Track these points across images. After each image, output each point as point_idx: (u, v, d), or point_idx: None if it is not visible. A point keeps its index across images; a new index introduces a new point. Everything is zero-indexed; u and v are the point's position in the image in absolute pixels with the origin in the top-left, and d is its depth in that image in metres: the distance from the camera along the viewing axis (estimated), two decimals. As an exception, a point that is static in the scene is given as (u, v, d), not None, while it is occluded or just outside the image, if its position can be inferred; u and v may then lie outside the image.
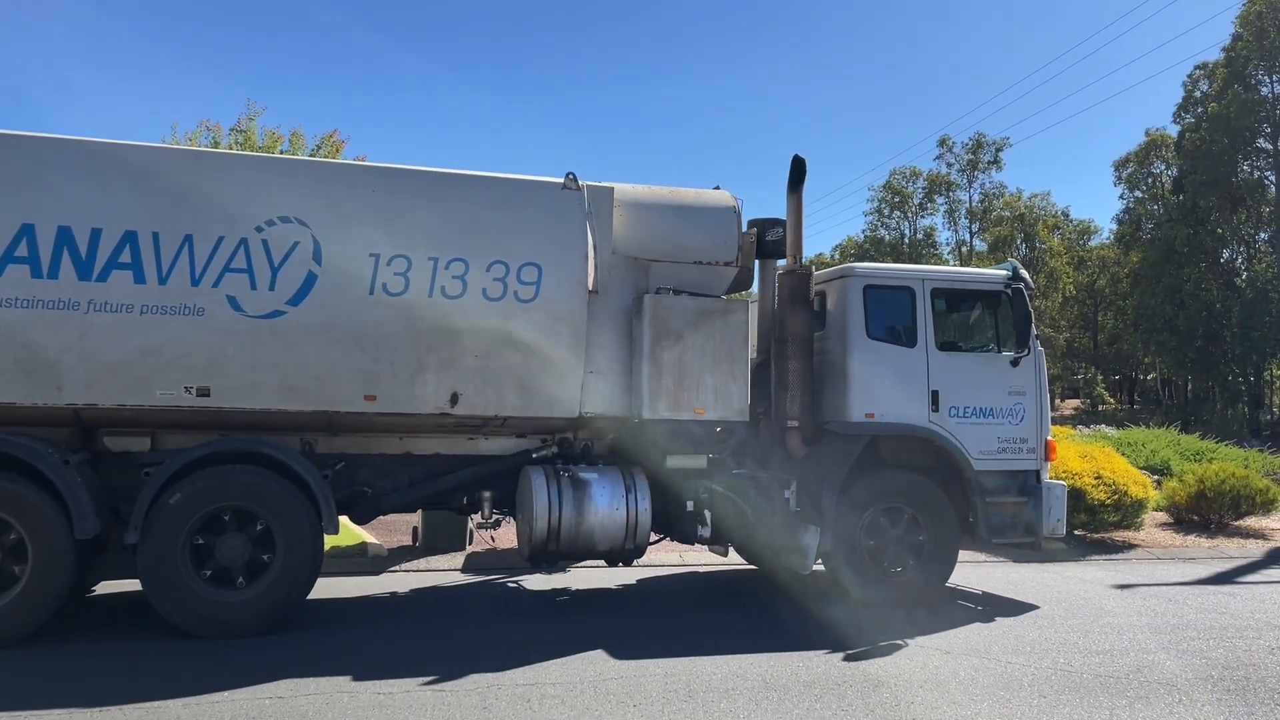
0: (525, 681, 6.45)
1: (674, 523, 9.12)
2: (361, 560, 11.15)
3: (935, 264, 56.70)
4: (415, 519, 11.91)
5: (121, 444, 7.94)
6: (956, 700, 6.18)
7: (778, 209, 9.63)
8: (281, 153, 18.20)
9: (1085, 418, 45.58)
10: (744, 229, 9.30)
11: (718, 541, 9.32)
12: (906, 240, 66.84)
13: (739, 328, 8.88)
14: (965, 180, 64.99)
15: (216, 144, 18.38)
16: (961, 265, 56.28)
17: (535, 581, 10.26)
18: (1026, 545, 9.73)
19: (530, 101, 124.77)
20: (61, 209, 7.33)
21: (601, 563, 9.01)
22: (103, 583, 9.07)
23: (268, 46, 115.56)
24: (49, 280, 7.26)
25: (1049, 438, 9.70)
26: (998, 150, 62.94)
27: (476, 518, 9.21)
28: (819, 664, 7.02)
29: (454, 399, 8.12)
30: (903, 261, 57.88)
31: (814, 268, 9.94)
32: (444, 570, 10.89)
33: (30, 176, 7.34)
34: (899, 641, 7.68)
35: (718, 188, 9.47)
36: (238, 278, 7.62)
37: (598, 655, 7.18)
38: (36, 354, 7.24)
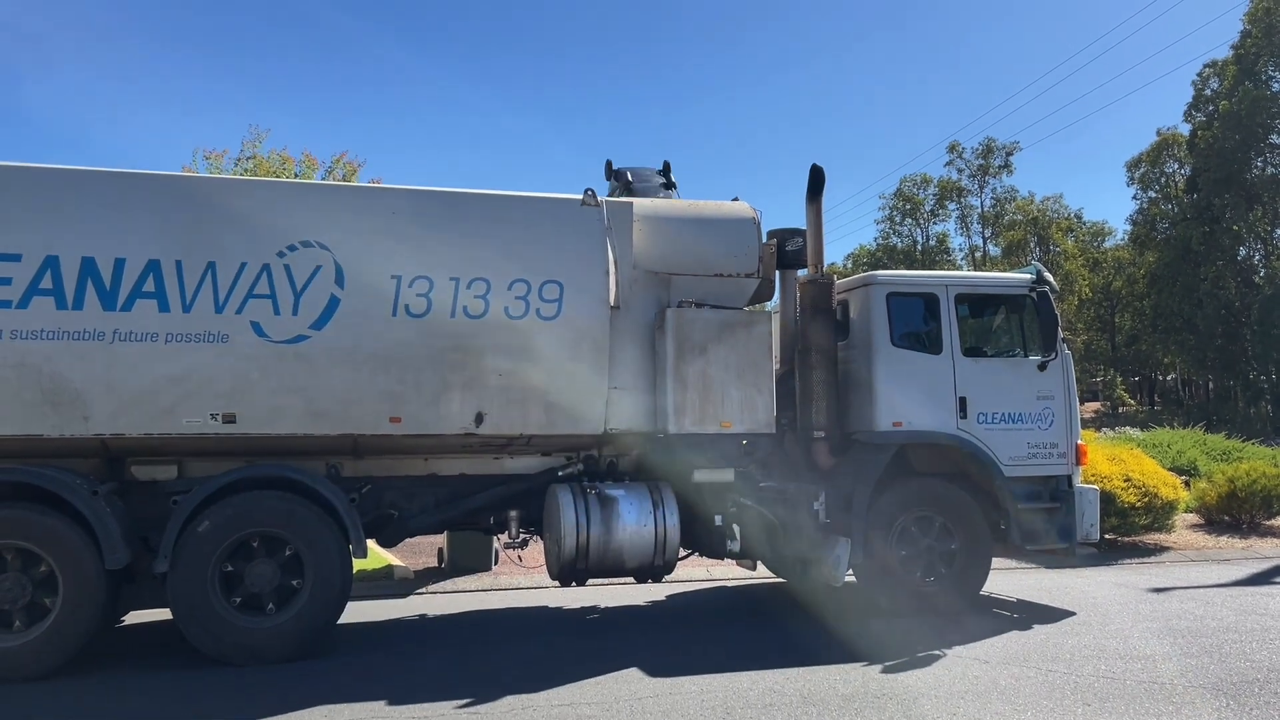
0: (561, 702, 6.38)
1: (702, 538, 9.04)
2: (389, 583, 11.12)
3: (949, 270, 56.57)
4: (441, 540, 11.88)
5: (149, 473, 7.94)
6: (1000, 712, 6.08)
7: (795, 219, 9.60)
8: (295, 176, 18.27)
9: (1107, 420, 45.23)
10: (764, 240, 9.27)
11: (747, 556, 9.23)
12: (919, 247, 66.66)
13: (762, 339, 8.82)
14: (976, 185, 64.91)
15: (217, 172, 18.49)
16: (976, 270, 56.11)
17: (565, 600, 10.20)
18: (1060, 551, 9.61)
19: (550, 119, 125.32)
20: (85, 240, 7.35)
21: (631, 580, 8.94)
22: (132, 612, 9.05)
23: (281, 66, 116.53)
24: (74, 311, 7.28)
25: (1079, 442, 9.59)
26: (1008, 154, 62.86)
27: (503, 537, 9.17)
28: (856, 677, 6.92)
29: (479, 418, 8.09)
30: (916, 268, 57.77)
31: (835, 277, 9.87)
32: (472, 591, 10.85)
33: (53, 208, 7.37)
34: (936, 652, 7.58)
35: (736, 199, 9.45)
36: (261, 303, 7.62)
37: (632, 673, 7.11)
38: (63, 385, 7.25)
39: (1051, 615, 9.07)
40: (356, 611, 9.12)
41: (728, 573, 11.44)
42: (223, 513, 7.47)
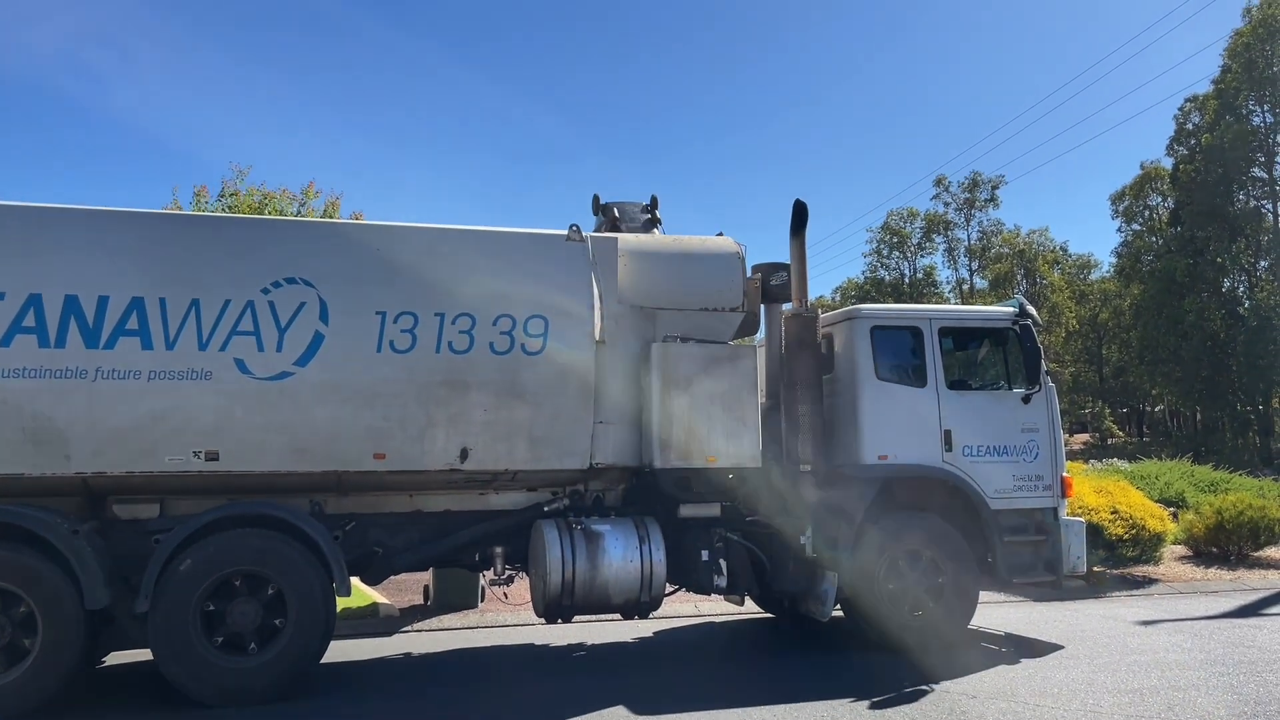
0: (545, 741, 6.32)
1: (689, 573, 8.98)
2: (374, 621, 11.02)
3: (936, 302, 56.85)
4: (426, 577, 11.79)
5: (130, 511, 7.87)
6: (987, 747, 6.04)
7: (780, 253, 9.65)
8: (263, 209, 18.18)
9: (1095, 452, 45.30)
10: (749, 274, 9.31)
11: (734, 591, 9.17)
12: (907, 280, 67.00)
13: (747, 373, 8.83)
14: (963, 219, 65.40)
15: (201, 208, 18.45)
16: (963, 303, 56.40)
17: (551, 637, 10.12)
18: (1047, 584, 9.60)
19: (539, 163, 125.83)
20: (68, 278, 7.35)
21: (617, 616, 8.87)
22: (113, 653, 8.93)
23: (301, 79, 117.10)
24: (56, 349, 7.25)
25: (1064, 474, 9.60)
26: (994, 188, 63.38)
27: (489, 574, 9.11)
28: (844, 713, 6.88)
29: (464, 454, 8.07)
30: (904, 301, 58.03)
31: (820, 310, 9.91)
32: (457, 629, 10.75)
33: (36, 246, 7.38)
34: (924, 687, 7.54)
35: (721, 234, 9.51)
36: (245, 340, 7.61)
37: (618, 712, 7.05)
38: (45, 424, 7.21)
39: (1039, 649, 9.04)
40: (340, 651, 9.02)
41: (715, 608, 11.37)
42: (204, 551, 7.39)
